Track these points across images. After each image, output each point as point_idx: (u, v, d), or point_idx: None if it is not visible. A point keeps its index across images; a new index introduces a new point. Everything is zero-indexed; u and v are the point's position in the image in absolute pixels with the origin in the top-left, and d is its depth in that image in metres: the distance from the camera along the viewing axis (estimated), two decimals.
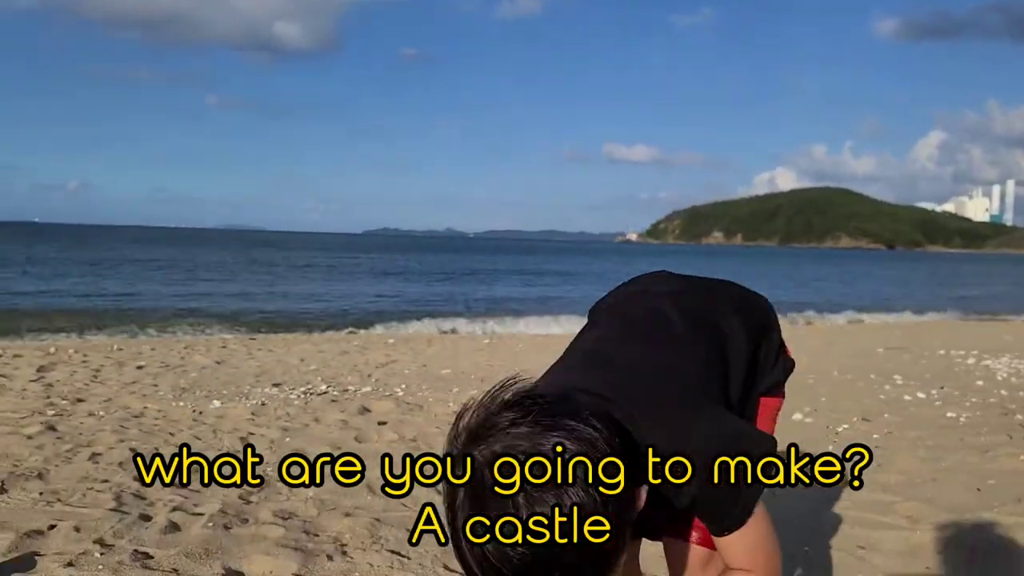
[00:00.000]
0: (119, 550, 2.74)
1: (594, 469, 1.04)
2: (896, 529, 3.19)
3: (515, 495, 1.01)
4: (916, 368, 8.43)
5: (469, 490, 1.05)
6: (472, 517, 1.03)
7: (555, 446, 1.04)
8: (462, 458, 1.07)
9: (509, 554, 1.02)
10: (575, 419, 1.07)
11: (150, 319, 14.03)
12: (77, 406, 5.22)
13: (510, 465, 1.03)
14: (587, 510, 1.02)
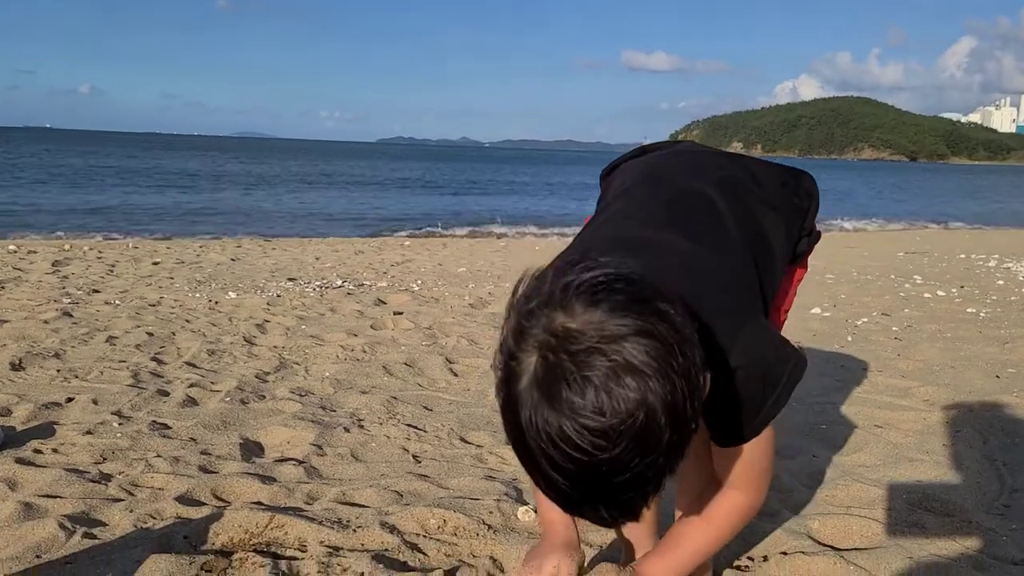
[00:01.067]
0: (137, 421, 2.76)
1: (678, 354, 0.95)
2: (913, 411, 3.17)
3: (600, 371, 0.92)
4: (936, 270, 8.32)
5: (541, 360, 0.95)
6: (545, 390, 0.94)
7: (640, 325, 0.94)
8: (527, 328, 0.97)
9: (580, 441, 0.92)
10: (659, 301, 0.98)
11: (162, 221, 14.08)
12: (93, 296, 5.24)
13: (591, 339, 0.93)
14: (669, 396, 0.94)
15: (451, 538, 1.99)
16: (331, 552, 1.87)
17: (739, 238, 1.41)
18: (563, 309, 0.96)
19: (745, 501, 1.39)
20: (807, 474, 2.49)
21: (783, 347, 1.29)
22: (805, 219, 1.56)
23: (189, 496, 2.17)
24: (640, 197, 1.52)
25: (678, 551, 1.41)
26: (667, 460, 0.97)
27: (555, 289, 0.98)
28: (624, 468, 0.94)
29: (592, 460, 0.93)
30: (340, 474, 2.41)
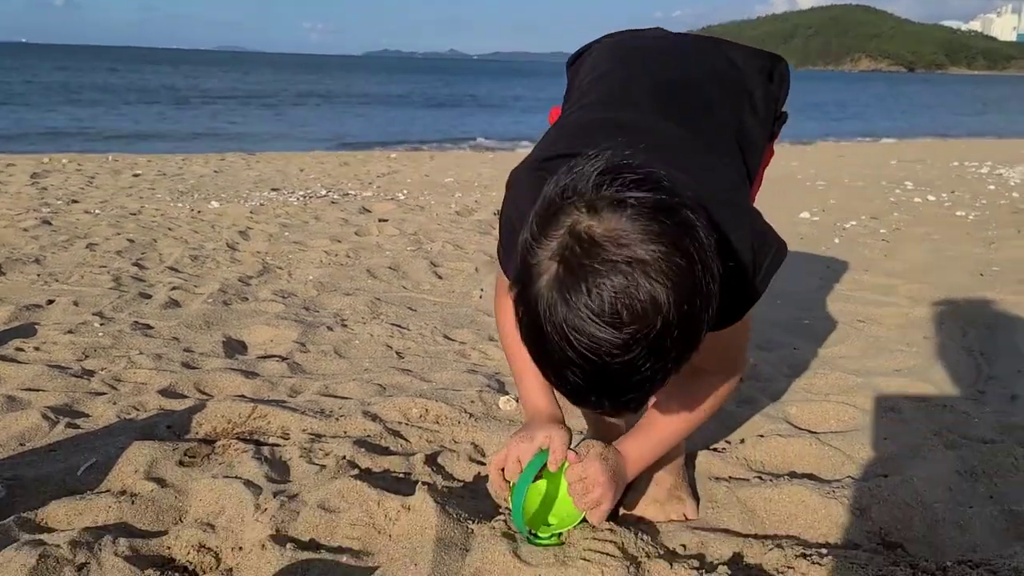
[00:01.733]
0: (119, 321, 2.76)
1: (698, 265, 0.95)
2: (896, 307, 3.19)
3: (618, 275, 0.92)
4: (928, 176, 8.27)
5: (562, 264, 0.95)
6: (564, 292, 0.94)
7: (660, 230, 0.94)
8: (551, 230, 0.96)
9: (595, 344, 0.94)
10: (681, 210, 0.97)
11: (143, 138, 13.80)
12: (72, 206, 5.16)
13: (612, 243, 0.93)
14: (686, 306, 0.94)
15: (433, 426, 2.01)
16: (313, 439, 1.89)
17: (728, 128, 1.40)
18: (589, 211, 0.96)
19: (722, 384, 1.41)
20: (788, 365, 2.51)
21: (767, 233, 1.28)
22: (778, 103, 1.54)
23: (172, 390, 2.17)
24: (622, 80, 1.49)
25: (656, 431, 1.44)
26: (676, 363, 1.00)
27: (584, 189, 0.97)
28: (635, 371, 0.97)
29: (605, 363, 0.96)
30: (323, 369, 2.42)
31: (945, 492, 1.72)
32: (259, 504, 1.57)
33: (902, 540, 1.55)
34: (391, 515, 1.53)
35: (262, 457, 1.77)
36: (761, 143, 1.49)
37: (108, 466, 1.72)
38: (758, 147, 1.47)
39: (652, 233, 0.94)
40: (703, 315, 0.97)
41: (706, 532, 1.53)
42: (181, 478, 1.68)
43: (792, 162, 9.49)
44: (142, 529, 1.53)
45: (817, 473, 1.81)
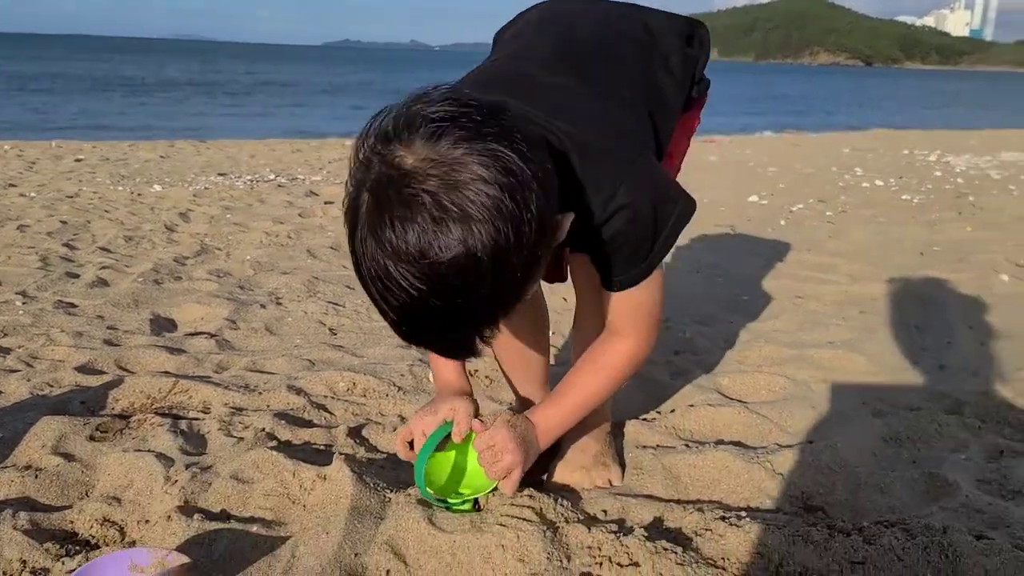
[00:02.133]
0: (41, 300, 2.67)
1: (508, 198, 0.93)
2: (836, 284, 3.22)
3: (425, 211, 0.91)
4: (878, 163, 8.40)
5: (372, 197, 0.95)
6: (373, 227, 0.94)
7: (475, 166, 0.92)
8: (369, 161, 0.96)
9: (401, 281, 0.94)
10: (504, 140, 0.95)
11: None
12: (8, 190, 4.99)
13: (421, 176, 0.92)
14: (492, 240, 0.93)
15: (360, 399, 1.97)
16: (234, 412, 1.84)
17: (635, 86, 1.38)
18: (402, 143, 0.94)
19: (633, 347, 1.39)
20: (723, 338, 2.52)
21: (671, 187, 1.27)
22: (696, 68, 1.52)
23: (90, 366, 2.10)
24: (533, 41, 1.49)
25: (567, 399, 1.42)
26: (494, 302, 1.00)
27: (399, 122, 0.96)
28: (448, 308, 0.96)
29: (414, 299, 0.95)
30: (253, 346, 2.36)
31: (869, 457, 1.73)
32: (169, 476, 1.51)
33: (823, 504, 1.55)
34: (306, 485, 1.49)
35: (178, 431, 1.71)
36: (676, 105, 1.47)
37: (14, 441, 1.65)
38: (672, 109, 1.46)
39: (460, 165, 0.92)
40: (516, 249, 0.95)
41: (628, 498, 1.52)
42: (90, 453, 1.62)
43: (746, 150, 9.57)
44: (45, 504, 1.47)
45: (744, 440, 1.81)
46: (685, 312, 2.80)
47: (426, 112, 0.95)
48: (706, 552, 1.31)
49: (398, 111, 0.98)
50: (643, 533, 1.33)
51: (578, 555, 1.28)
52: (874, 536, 1.34)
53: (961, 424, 1.90)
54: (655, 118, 1.38)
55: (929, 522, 1.39)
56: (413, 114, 0.96)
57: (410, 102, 0.98)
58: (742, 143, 10.64)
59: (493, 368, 2.15)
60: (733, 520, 1.41)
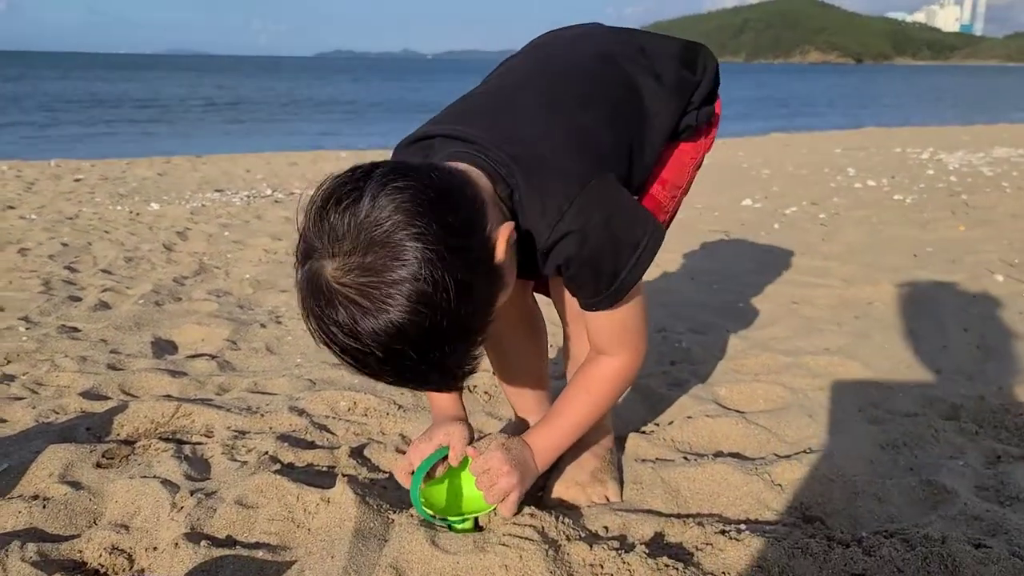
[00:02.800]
0: (45, 325, 2.69)
1: (424, 253, 0.99)
2: (830, 288, 3.24)
3: (345, 291, 1.00)
4: (870, 163, 8.44)
5: (308, 296, 1.04)
6: (310, 310, 1.04)
7: (387, 260, 0.99)
8: (304, 264, 1.05)
9: (340, 352, 1.04)
10: (418, 218, 1.00)
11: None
12: (7, 212, 5.02)
13: (339, 283, 1.00)
14: (415, 319, 0.99)
15: (361, 418, 1.99)
16: (237, 436, 1.86)
17: (606, 103, 1.37)
18: (322, 248, 1.02)
19: (620, 365, 1.40)
20: (719, 347, 2.54)
21: (634, 212, 1.26)
22: (694, 92, 1.50)
23: (95, 392, 2.12)
24: (517, 63, 1.52)
25: (560, 421, 1.44)
26: (452, 340, 1.05)
27: (322, 220, 1.03)
28: (392, 370, 1.05)
29: (358, 364, 1.05)
30: (254, 367, 2.38)
31: (866, 465, 1.75)
32: (175, 503, 1.53)
33: (822, 514, 1.57)
34: (310, 508, 1.51)
35: (182, 456, 1.73)
36: (662, 128, 1.45)
37: (21, 471, 1.67)
38: (657, 132, 1.44)
39: (368, 262, 0.99)
40: (442, 318, 1.01)
41: (628, 513, 1.54)
42: (97, 480, 1.64)
43: (739, 152, 9.61)
44: (53, 533, 1.49)
45: (742, 452, 1.83)
46: (681, 320, 2.82)
47: (333, 200, 1.02)
48: (707, 567, 1.33)
49: (322, 200, 1.04)
50: (644, 550, 1.35)
51: (580, 573, 1.30)
52: (873, 547, 1.36)
53: (958, 429, 1.92)
54: (632, 144, 1.38)
55: (928, 532, 1.41)
56: (323, 202, 1.03)
57: (326, 193, 1.04)
58: (735, 145, 10.68)
59: (493, 384, 2.18)
60: (733, 534, 1.43)
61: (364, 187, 1.01)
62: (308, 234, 1.05)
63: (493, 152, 1.21)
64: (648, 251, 1.25)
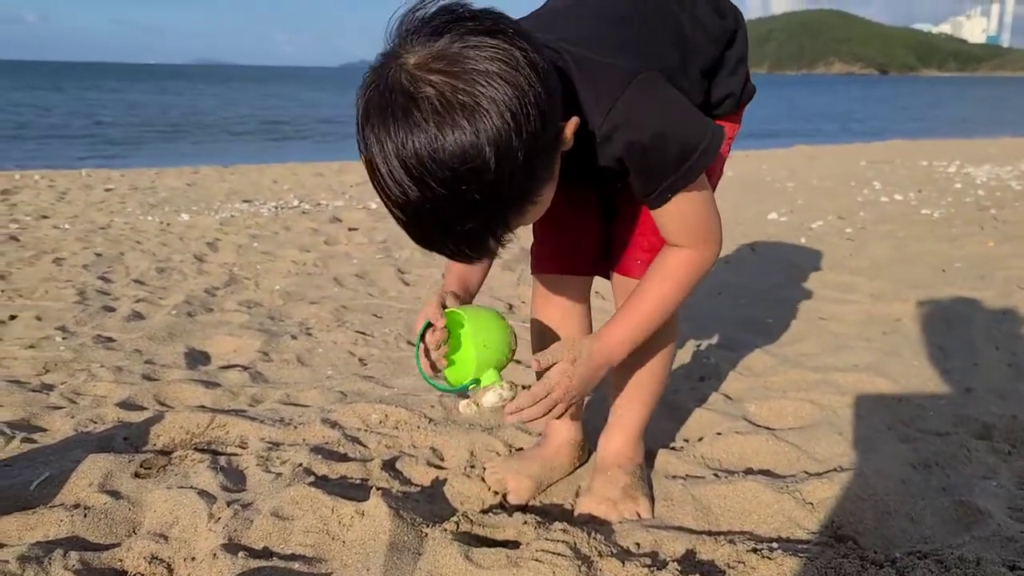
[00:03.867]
0: (81, 335, 2.74)
1: (517, 88, 0.97)
2: (858, 304, 3.23)
3: (428, 105, 0.96)
4: (896, 176, 8.37)
5: (378, 96, 0.99)
6: (376, 125, 0.99)
7: (477, 60, 0.97)
8: (376, 66, 1.02)
9: (404, 175, 0.98)
10: (505, 37, 0.99)
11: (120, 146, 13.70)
12: (41, 221, 5.11)
13: (424, 72, 0.97)
14: (503, 129, 0.96)
15: (392, 431, 2.01)
16: (271, 447, 1.89)
17: (659, 30, 1.36)
18: (405, 47, 1.00)
19: (695, 254, 1.35)
20: (747, 363, 2.54)
21: (686, 110, 1.25)
22: (731, 44, 1.47)
23: (131, 402, 2.16)
24: (553, 4, 1.48)
25: (637, 309, 1.37)
26: (501, 196, 1.01)
27: (402, 29, 1.02)
28: (455, 201, 0.99)
29: (423, 193, 0.98)
30: (285, 378, 2.41)
31: (898, 484, 1.74)
32: (212, 514, 1.56)
33: (854, 533, 1.57)
34: (345, 521, 1.53)
35: (218, 467, 1.76)
36: (703, 65, 1.42)
37: (62, 480, 1.71)
38: (697, 66, 1.41)
39: (461, 60, 0.97)
40: (519, 147, 0.98)
41: (660, 530, 1.55)
42: (136, 490, 1.67)
43: (762, 165, 9.57)
44: (94, 542, 1.52)
45: (773, 469, 1.83)
46: (708, 335, 2.82)
47: (425, 16, 1.02)
48: None
49: (400, 21, 1.03)
50: (676, 567, 1.36)
51: None
52: (907, 568, 1.36)
53: (990, 449, 1.91)
54: (684, 62, 1.36)
55: (962, 553, 1.40)
56: (414, 19, 1.02)
57: (407, 15, 1.04)
58: (758, 157, 10.64)
59: None
60: (765, 552, 1.43)
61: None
62: (390, 38, 1.03)
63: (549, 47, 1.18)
64: (715, 141, 1.23)
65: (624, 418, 1.72)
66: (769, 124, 22.01)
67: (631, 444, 1.72)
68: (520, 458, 1.79)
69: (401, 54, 1.00)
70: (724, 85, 1.47)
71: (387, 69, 1.00)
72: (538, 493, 1.74)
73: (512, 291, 3.45)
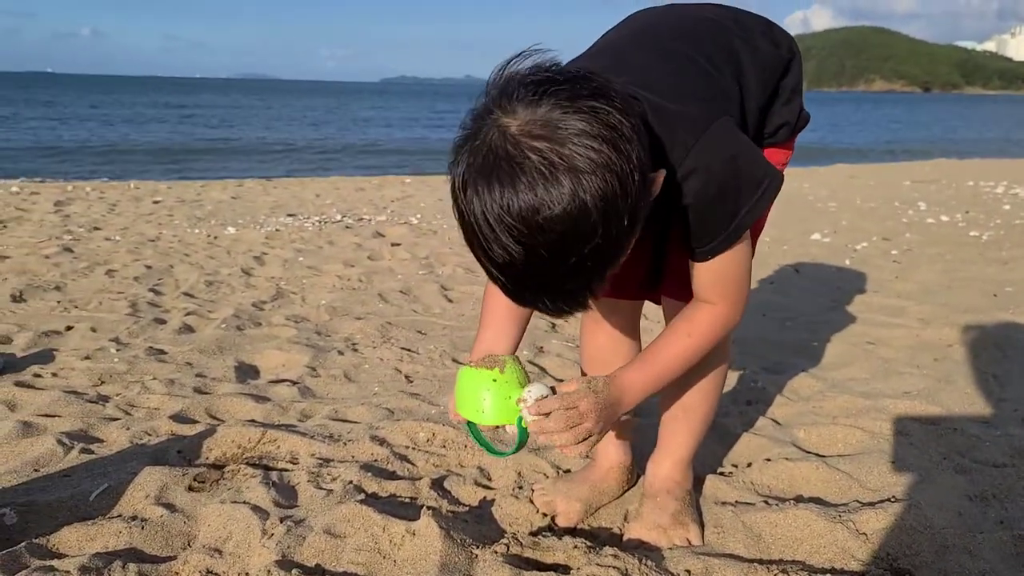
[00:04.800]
0: (134, 347, 2.80)
1: (618, 149, 0.99)
2: (907, 328, 3.18)
3: (533, 168, 0.97)
4: (942, 196, 8.24)
5: (480, 160, 1.00)
6: (481, 188, 0.99)
7: (578, 122, 0.98)
8: (473, 129, 1.03)
9: (509, 231, 0.99)
10: (600, 98, 1.01)
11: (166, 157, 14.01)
12: (94, 233, 5.25)
13: (527, 138, 0.98)
14: (608, 190, 0.98)
15: (440, 450, 2.02)
16: (322, 463, 1.91)
17: (719, 60, 1.37)
18: (504, 111, 1.01)
19: (720, 312, 1.37)
20: (795, 388, 2.51)
21: (753, 154, 1.27)
22: (786, 74, 1.47)
23: (184, 415, 2.20)
24: (613, 34, 1.50)
25: (655, 361, 1.38)
26: (604, 254, 1.03)
27: (499, 93, 1.03)
28: (556, 258, 1.00)
29: (522, 251, 1.00)
30: (333, 393, 2.44)
31: (955, 517, 1.71)
32: (266, 529, 1.58)
33: (910, 566, 1.54)
34: (396, 540, 1.55)
35: (270, 482, 1.78)
36: (758, 99, 1.43)
37: (120, 491, 1.75)
38: (754, 99, 1.42)
39: (565, 122, 0.98)
40: (622, 201, 1.00)
41: (710, 557, 1.53)
42: (190, 503, 1.71)
43: (804, 184, 9.48)
44: (151, 554, 1.55)
45: (824, 497, 1.81)
46: (755, 359, 2.80)
47: (522, 80, 1.03)
48: None
49: (494, 84, 1.05)
50: None
51: None
52: None
53: None
54: (743, 93, 1.37)
55: None
56: (509, 84, 1.03)
57: (502, 75, 1.05)
58: (799, 176, 10.53)
59: None
60: None
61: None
62: (485, 100, 1.04)
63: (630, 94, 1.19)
64: (771, 190, 1.26)
65: (673, 443, 1.71)
66: (809, 142, 21.76)
67: (680, 469, 1.71)
68: (569, 480, 1.80)
69: (500, 117, 1.01)
70: (779, 115, 1.48)
71: (488, 133, 1.01)
72: (587, 516, 1.74)
73: None
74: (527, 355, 2.81)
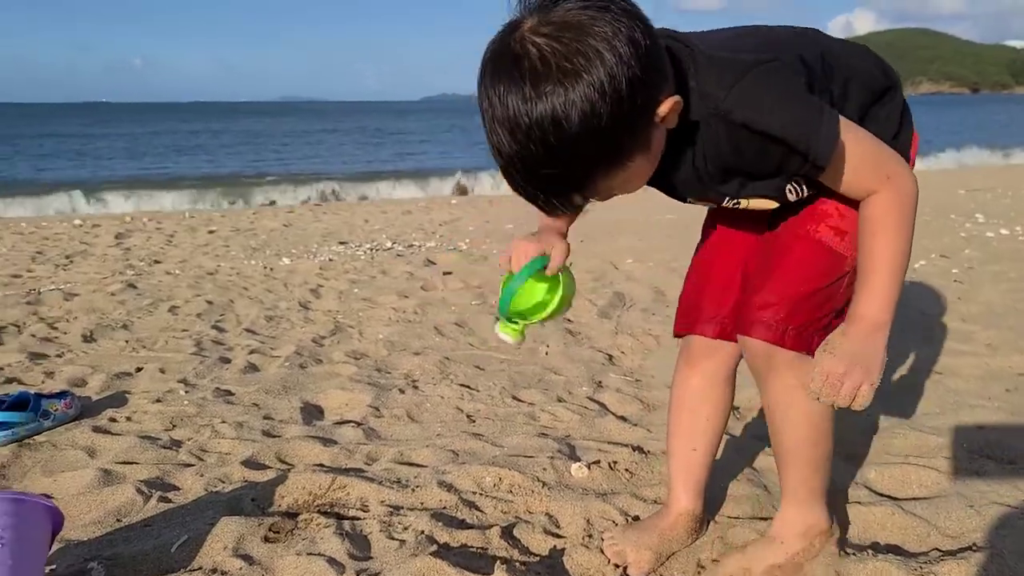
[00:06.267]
0: (202, 388, 2.87)
1: (608, 63, 1.05)
2: (975, 356, 3.10)
3: (523, 66, 1.06)
4: (999, 206, 8.02)
5: (491, 56, 1.11)
6: (486, 83, 1.11)
7: (586, 26, 1.06)
8: (502, 29, 1.12)
9: (505, 126, 1.09)
10: (611, 13, 1.08)
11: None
12: (154, 267, 5.40)
13: (531, 35, 1.08)
14: (586, 99, 1.04)
15: (507, 495, 2.03)
16: (392, 511, 1.93)
17: (811, 61, 1.35)
18: (524, 16, 1.11)
19: (895, 190, 1.31)
20: (864, 424, 2.46)
21: (809, 101, 1.25)
22: (883, 97, 1.44)
23: (254, 460, 2.25)
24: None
25: (875, 276, 1.33)
26: (585, 159, 1.11)
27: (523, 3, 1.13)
28: (547, 154, 1.09)
29: (511, 146, 1.10)
30: (397, 435, 2.47)
31: None
32: None
33: None
34: None
35: (343, 532, 1.81)
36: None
37: (199, 542, 1.79)
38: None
39: (574, 28, 1.06)
40: (597, 122, 1.06)
41: None
42: (267, 555, 1.74)
43: None
44: None
45: (902, 545, 1.77)
46: None
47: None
48: None
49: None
50: None
51: None
52: None
53: None
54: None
55: None
56: None
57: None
58: None
59: (633, 461, 2.19)
60: None
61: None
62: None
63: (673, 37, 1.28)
64: (835, 115, 1.24)
65: (783, 487, 1.70)
66: None
67: (795, 513, 1.69)
68: (638, 529, 1.79)
69: (521, 23, 1.10)
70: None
71: (506, 33, 1.11)
72: (658, 566, 1.73)
73: (610, 341, 3.45)
74: (584, 391, 2.81)
